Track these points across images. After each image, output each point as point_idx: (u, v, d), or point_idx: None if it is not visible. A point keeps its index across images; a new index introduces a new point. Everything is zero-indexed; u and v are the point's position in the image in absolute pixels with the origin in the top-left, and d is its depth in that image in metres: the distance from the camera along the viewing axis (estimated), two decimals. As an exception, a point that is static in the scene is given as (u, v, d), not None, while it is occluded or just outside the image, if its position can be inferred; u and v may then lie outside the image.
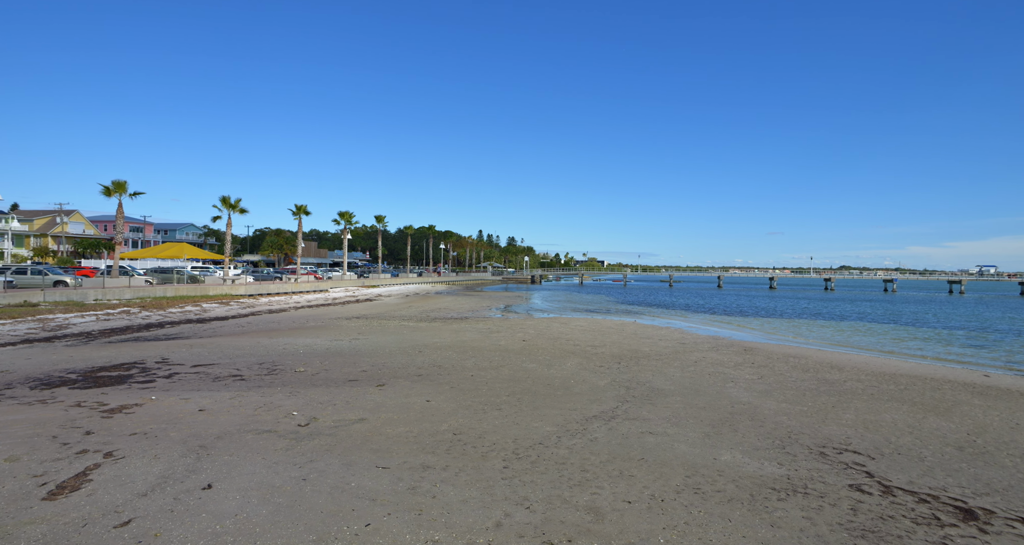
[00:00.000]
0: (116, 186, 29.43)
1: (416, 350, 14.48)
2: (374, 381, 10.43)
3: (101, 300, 24.82)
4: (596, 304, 44.54)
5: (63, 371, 11.17)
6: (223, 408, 8.18)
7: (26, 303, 21.71)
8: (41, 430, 6.96)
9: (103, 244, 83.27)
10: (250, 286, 33.12)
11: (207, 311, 24.79)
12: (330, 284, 43.62)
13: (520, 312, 32.16)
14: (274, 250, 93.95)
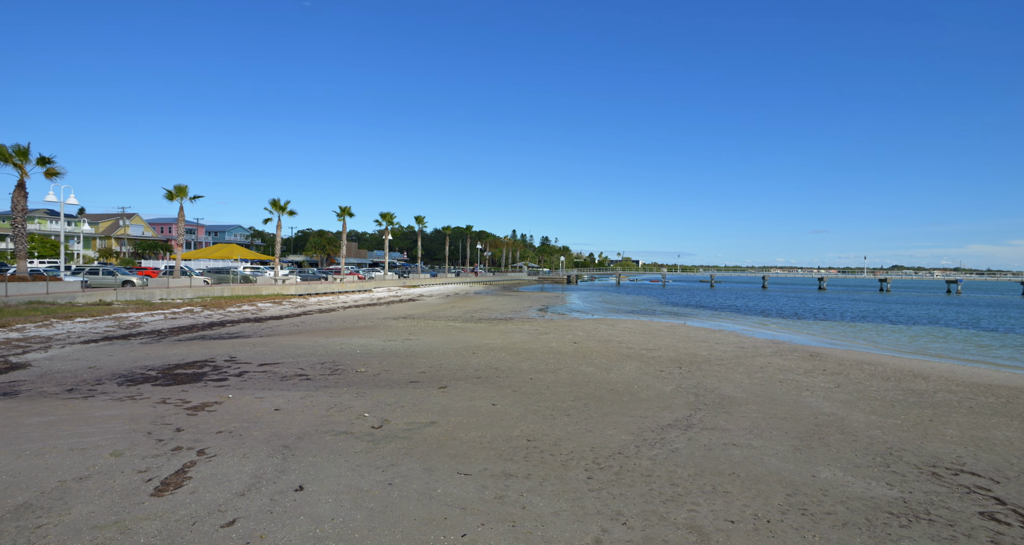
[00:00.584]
0: (178, 190, 31.12)
1: (469, 352, 14.52)
2: (435, 383, 10.49)
3: (166, 299, 26.25)
4: (639, 305, 43.69)
5: (143, 368, 11.81)
6: (297, 408, 8.40)
7: (101, 302, 23.20)
8: (136, 426, 7.33)
9: (160, 245, 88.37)
10: (299, 286, 34.30)
11: (262, 310, 25.80)
12: (373, 284, 44.66)
13: (563, 313, 31.92)
14: (317, 251, 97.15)
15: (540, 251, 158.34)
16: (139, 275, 32.74)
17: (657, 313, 33.82)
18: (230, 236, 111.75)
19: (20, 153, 22.76)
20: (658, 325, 23.62)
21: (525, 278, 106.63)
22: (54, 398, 8.98)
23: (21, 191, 23.33)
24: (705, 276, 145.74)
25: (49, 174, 24.23)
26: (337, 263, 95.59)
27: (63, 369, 11.49)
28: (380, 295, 39.02)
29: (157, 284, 29.24)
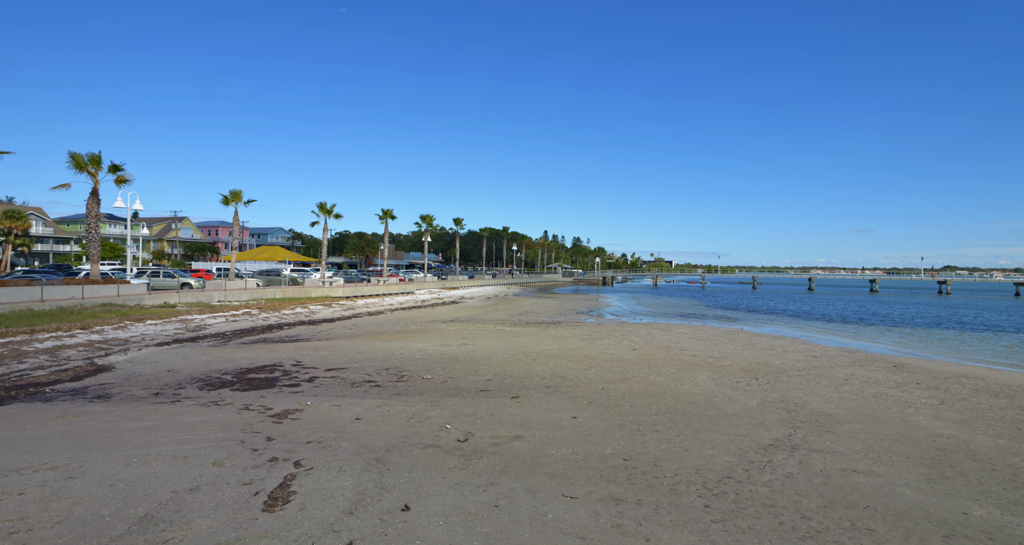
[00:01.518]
0: (233, 195, 32.37)
1: (529, 358, 14.30)
2: (506, 392, 10.30)
3: (224, 302, 27.25)
4: (684, 309, 42.48)
5: (218, 372, 12.14)
6: (376, 417, 8.35)
7: (166, 304, 24.27)
8: (228, 433, 7.43)
9: (208, 247, 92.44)
10: (345, 288, 35.03)
11: (315, 313, 26.40)
12: (415, 286, 45.20)
13: (609, 316, 31.34)
14: (356, 252, 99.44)
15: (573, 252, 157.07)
16: (193, 277, 34.22)
17: (707, 317, 32.73)
18: (272, 238, 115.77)
19: (94, 161, 24.12)
20: (714, 330, 22.77)
21: (560, 279, 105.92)
22: (144, 402, 9.29)
23: (95, 198, 24.72)
24: (745, 277, 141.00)
25: (119, 181, 25.59)
26: (375, 264, 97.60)
27: (144, 372, 11.93)
28: (423, 297, 39.40)
29: (213, 286, 30.43)
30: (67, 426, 7.66)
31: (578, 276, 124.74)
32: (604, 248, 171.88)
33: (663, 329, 22.69)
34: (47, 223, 78.60)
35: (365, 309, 30.08)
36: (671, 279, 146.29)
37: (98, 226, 24.90)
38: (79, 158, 23.88)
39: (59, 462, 6.17)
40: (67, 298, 21.42)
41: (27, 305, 19.35)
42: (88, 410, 8.57)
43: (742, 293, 76.05)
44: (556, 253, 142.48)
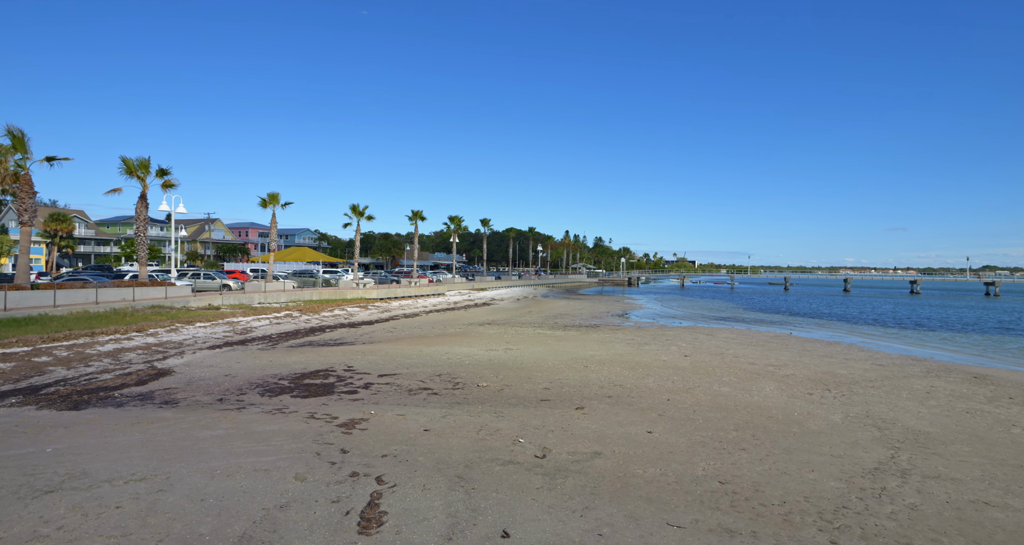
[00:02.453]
0: (271, 198, 32.97)
1: (581, 364, 13.96)
2: (567, 402, 10.00)
3: (264, 303, 27.70)
4: (721, 311, 41.36)
5: (274, 377, 12.18)
6: (444, 429, 8.16)
7: (211, 306, 24.78)
8: (301, 444, 7.33)
9: (238, 248, 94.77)
10: (379, 290, 35.29)
11: (353, 316, 26.60)
12: (445, 287, 45.30)
13: (646, 319, 30.68)
14: (382, 253, 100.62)
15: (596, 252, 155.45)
16: (229, 278, 34.96)
17: (747, 321, 31.74)
18: (299, 239, 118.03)
19: (143, 166, 24.82)
20: (762, 336, 21.99)
21: (585, 280, 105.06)
22: (211, 409, 9.32)
23: (143, 202, 25.44)
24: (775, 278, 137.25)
25: (165, 185, 26.29)
26: (402, 265, 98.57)
27: (204, 377, 12.06)
28: (454, 299, 39.43)
29: (252, 288, 31.00)
30: (144, 434, 7.70)
31: (603, 277, 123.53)
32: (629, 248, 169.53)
33: (708, 334, 22.02)
34: (89, 225, 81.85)
35: (400, 311, 30.18)
36: (696, 280, 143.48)
37: (146, 229, 25.63)
38: (130, 163, 24.61)
39: (146, 473, 6.14)
40: (118, 300, 22.05)
41: (83, 307, 19.96)
42: (160, 417, 8.63)
43: (775, 295, 73.88)
44: (579, 253, 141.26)
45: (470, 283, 53.66)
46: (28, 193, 20.15)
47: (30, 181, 20.13)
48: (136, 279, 29.17)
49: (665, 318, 32.11)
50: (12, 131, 19.52)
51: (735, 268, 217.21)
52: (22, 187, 20.03)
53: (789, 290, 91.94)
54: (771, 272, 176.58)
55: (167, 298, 23.92)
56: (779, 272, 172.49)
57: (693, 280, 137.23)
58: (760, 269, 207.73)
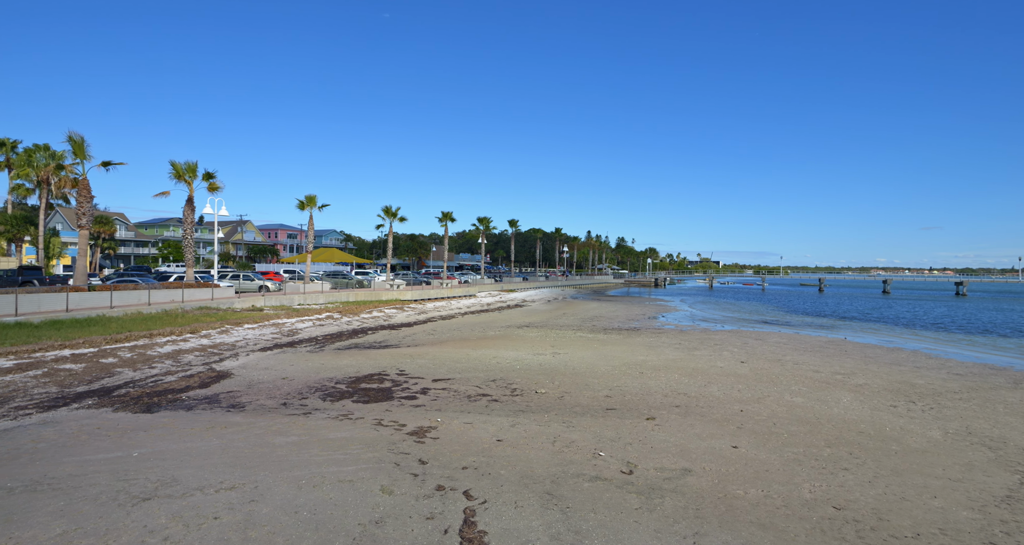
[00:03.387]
0: (308, 200, 33.51)
1: (635, 371, 13.59)
2: (634, 412, 9.67)
3: (304, 305, 28.10)
4: (761, 313, 40.12)
5: (329, 380, 12.20)
6: (517, 439, 7.94)
7: (254, 308, 25.24)
8: (376, 453, 7.22)
9: (268, 249, 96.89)
10: (412, 291, 35.47)
11: (391, 317, 26.73)
12: (475, 288, 45.29)
13: (686, 322, 29.93)
14: (409, 254, 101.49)
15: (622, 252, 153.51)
16: (264, 279, 35.61)
17: (793, 324, 30.63)
18: (327, 240, 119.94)
19: (190, 170, 25.48)
20: (814, 340, 21.15)
21: (611, 281, 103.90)
22: (277, 414, 9.34)
23: (190, 206, 26.14)
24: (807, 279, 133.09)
25: (211, 189, 26.94)
26: (428, 266, 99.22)
27: (262, 379, 12.15)
28: (486, 301, 39.36)
29: (291, 289, 31.52)
30: (221, 439, 7.72)
31: (628, 278, 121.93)
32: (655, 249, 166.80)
33: (756, 338, 21.30)
34: (128, 227, 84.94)
35: (436, 313, 30.22)
36: (724, 280, 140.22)
37: (193, 233, 26.29)
38: (179, 167, 25.30)
39: (234, 481, 6.10)
40: (168, 301, 22.65)
41: (136, 308, 20.55)
42: (231, 421, 8.66)
43: (811, 297, 71.46)
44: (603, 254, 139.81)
45: (498, 284, 53.54)
46: (86, 197, 20.87)
47: (88, 186, 20.86)
48: (181, 280, 30.01)
49: (705, 321, 31.30)
50: (73, 137, 20.26)
51: (761, 268, 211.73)
52: (80, 191, 20.77)
53: (824, 291, 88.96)
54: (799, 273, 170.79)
55: (213, 299, 24.47)
56: (806, 272, 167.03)
57: (721, 281, 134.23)
58: (786, 270, 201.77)
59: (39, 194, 37.93)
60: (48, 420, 8.39)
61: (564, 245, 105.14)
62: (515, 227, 68.03)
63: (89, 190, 20.95)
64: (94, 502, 5.54)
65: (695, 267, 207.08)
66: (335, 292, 32.37)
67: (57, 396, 9.69)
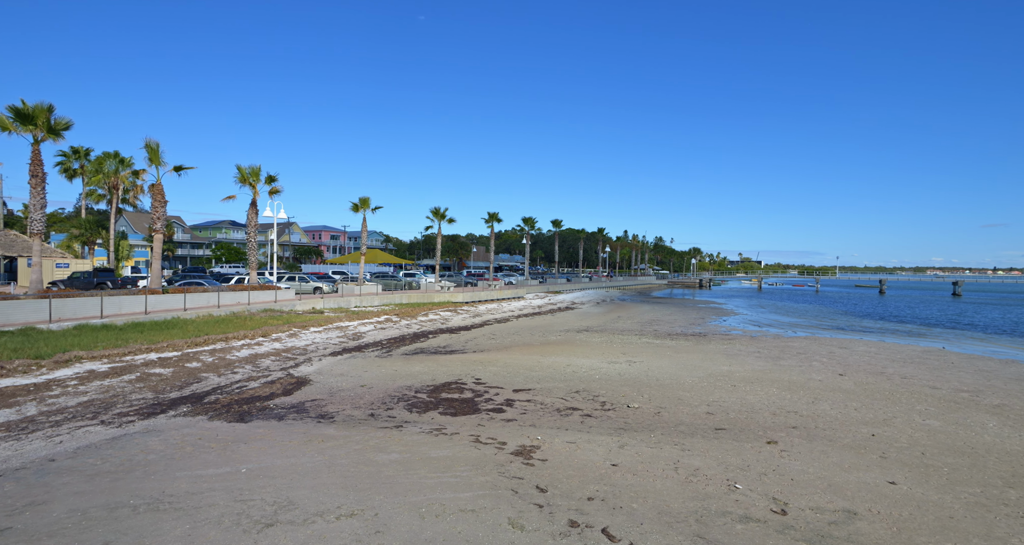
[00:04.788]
0: (362, 202, 33.93)
1: (726, 383, 12.65)
2: (748, 432, 8.81)
3: (361, 307, 28.32)
4: (829, 317, 37.65)
5: (408, 389, 11.88)
6: (633, 463, 7.26)
7: (314, 310, 25.58)
8: (487, 477, 6.71)
9: (313, 250, 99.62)
10: (463, 293, 35.31)
11: (447, 320, 26.54)
12: (523, 290, 44.79)
13: (752, 327, 28.34)
14: (449, 255, 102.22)
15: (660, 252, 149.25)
16: (317, 280, 36.18)
17: (871, 330, 28.48)
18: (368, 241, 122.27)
19: (254, 174, 26.14)
20: (908, 350, 19.40)
21: (654, 282, 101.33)
22: (368, 426, 9.03)
23: (254, 209, 26.81)
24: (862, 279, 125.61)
25: (272, 192, 27.57)
26: (468, 267, 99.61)
27: (342, 387, 11.96)
28: (536, 303, 38.79)
29: (346, 291, 31.91)
30: (322, 454, 7.43)
31: (672, 279, 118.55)
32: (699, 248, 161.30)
33: (840, 347, 19.75)
34: (185, 230, 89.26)
35: (490, 315, 29.87)
36: (771, 281, 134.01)
37: (256, 235, 26.94)
38: (244, 171, 26.00)
39: (352, 507, 5.72)
40: (234, 303, 23.21)
41: (207, 311, 21.10)
42: (326, 434, 8.39)
43: (873, 299, 67.01)
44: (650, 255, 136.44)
45: (543, 286, 52.85)
46: (160, 202, 21.64)
47: (162, 190, 21.62)
48: (241, 283, 30.88)
49: (772, 326, 29.56)
50: (149, 144, 21.03)
51: (806, 269, 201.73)
52: (155, 196, 21.54)
53: (885, 294, 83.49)
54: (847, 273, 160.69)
55: (276, 302, 24.95)
56: (855, 273, 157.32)
57: (768, 282, 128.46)
58: (834, 270, 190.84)
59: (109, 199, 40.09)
60: (151, 428, 8.35)
61: (606, 245, 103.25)
62: (559, 227, 67.05)
63: (163, 195, 21.71)
64: (218, 526, 5.27)
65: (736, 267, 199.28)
66: (388, 294, 32.55)
67: (154, 402, 9.74)
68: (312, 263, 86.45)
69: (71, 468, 6.60)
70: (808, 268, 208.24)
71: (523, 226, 58.18)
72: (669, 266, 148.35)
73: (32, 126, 16.84)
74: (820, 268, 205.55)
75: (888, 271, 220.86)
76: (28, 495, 5.79)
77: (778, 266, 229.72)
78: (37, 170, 17.35)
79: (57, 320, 15.89)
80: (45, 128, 17.08)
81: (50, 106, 17.13)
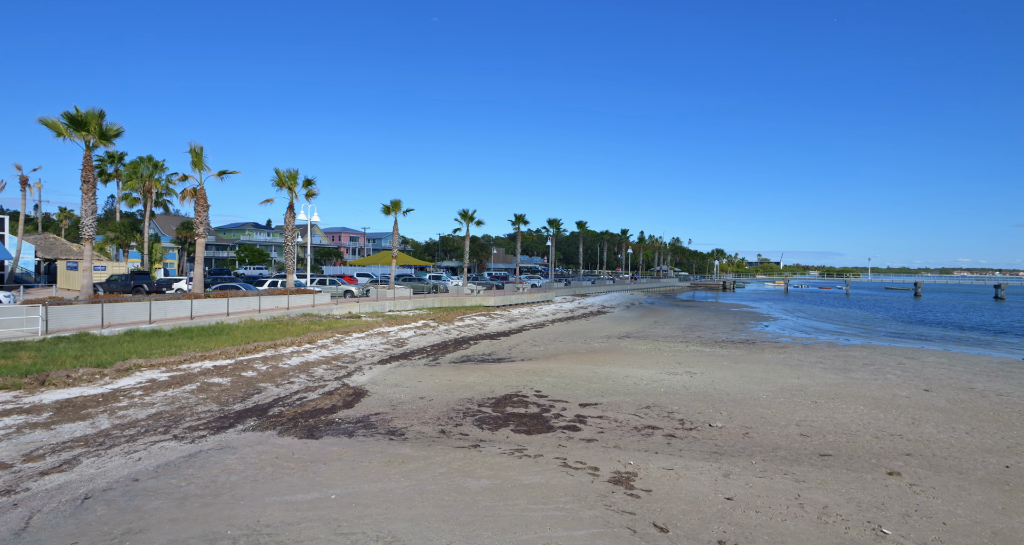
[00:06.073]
0: (393, 205, 33.76)
1: (805, 399, 11.88)
2: (859, 461, 8.08)
3: (395, 311, 28.03)
4: (877, 323, 36.11)
5: (469, 402, 11.38)
6: (748, 498, 6.61)
7: (350, 314, 25.36)
8: (593, 511, 6.13)
9: (333, 252, 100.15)
10: (493, 296, 34.82)
11: (484, 325, 26.08)
12: (552, 294, 44.13)
13: (800, 334, 27.21)
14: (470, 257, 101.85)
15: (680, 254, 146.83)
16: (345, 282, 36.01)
17: (929, 338, 27.09)
18: (385, 243, 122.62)
19: (291, 177, 26.08)
20: (983, 361, 18.21)
21: (677, 284, 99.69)
22: (443, 444, 8.54)
23: (291, 212, 26.76)
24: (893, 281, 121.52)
25: (309, 195, 27.51)
26: (488, 268, 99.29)
27: (401, 399, 11.53)
28: (567, 306, 38.13)
29: (379, 294, 31.70)
30: (408, 478, 6.95)
31: (694, 280, 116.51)
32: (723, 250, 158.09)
33: (908, 357, 18.70)
34: (211, 232, 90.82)
35: (524, 320, 29.35)
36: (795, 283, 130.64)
37: (294, 238, 26.86)
38: (281, 175, 25.97)
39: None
40: (274, 308, 23.09)
41: (248, 315, 20.98)
42: (403, 454, 7.93)
43: (911, 303, 64.59)
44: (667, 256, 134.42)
45: (568, 288, 52.11)
46: (203, 206, 21.63)
47: (205, 195, 21.62)
48: (274, 286, 30.89)
49: (819, 333, 28.40)
50: (193, 148, 21.04)
51: (827, 270, 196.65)
52: (198, 201, 21.54)
53: (921, 297, 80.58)
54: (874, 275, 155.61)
55: (314, 306, 24.80)
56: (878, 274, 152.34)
57: (794, 284, 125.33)
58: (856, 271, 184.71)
59: (143, 202, 40.69)
60: (224, 444, 8.00)
61: (627, 247, 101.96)
62: (583, 229, 66.26)
63: (206, 199, 21.71)
64: (327, 568, 4.81)
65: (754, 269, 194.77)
66: (419, 298, 32.26)
67: (220, 415, 9.42)
68: (332, 265, 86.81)
69: (157, 490, 6.25)
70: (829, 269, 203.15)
71: (547, 227, 57.54)
72: (690, 268, 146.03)
73: (85, 132, 16.89)
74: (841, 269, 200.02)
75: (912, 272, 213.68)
76: (123, 521, 5.43)
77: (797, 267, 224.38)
78: (88, 176, 17.41)
79: (108, 325, 15.84)
80: (96, 134, 17.13)
81: (101, 112, 17.17)
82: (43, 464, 6.76)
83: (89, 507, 5.71)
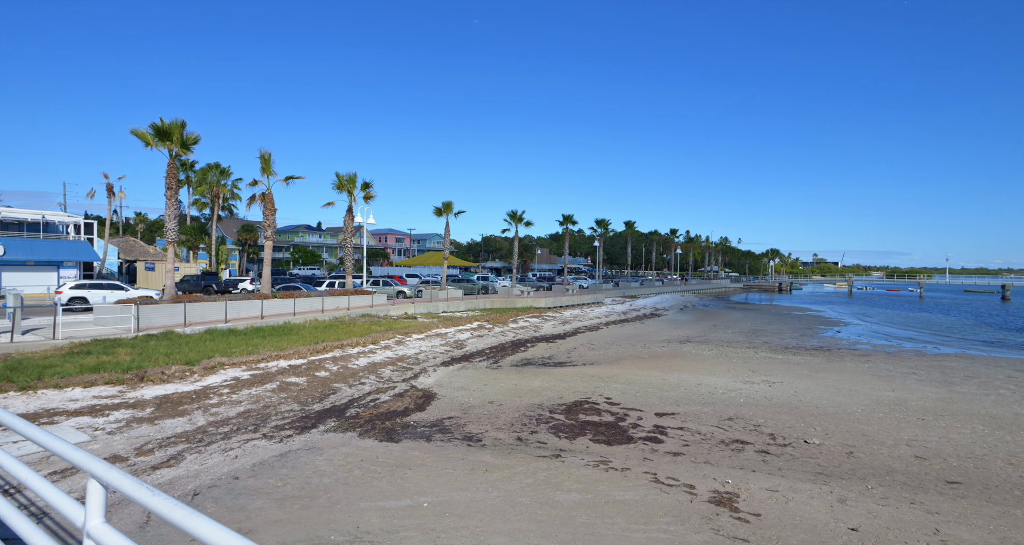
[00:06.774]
0: (445, 207, 34.15)
1: (910, 416, 10.82)
2: (1000, 491, 7.18)
3: (449, 313, 28.23)
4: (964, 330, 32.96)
5: (539, 408, 11.10)
6: (876, 531, 5.94)
7: (407, 315, 25.73)
8: (699, 534, 5.67)
9: (380, 253, 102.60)
10: (546, 298, 34.47)
11: (538, 328, 25.82)
12: (602, 295, 43.30)
13: (879, 340, 25.19)
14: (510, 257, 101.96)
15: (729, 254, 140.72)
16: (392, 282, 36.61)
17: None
18: (430, 244, 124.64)
19: (350, 181, 26.84)
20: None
21: (728, 286, 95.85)
22: (522, 453, 8.30)
23: (350, 215, 27.54)
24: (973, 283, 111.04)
25: (366, 197, 28.23)
26: (532, 269, 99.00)
27: (471, 403, 11.41)
28: (618, 309, 37.24)
29: (433, 295, 32.09)
30: (496, 488, 6.75)
31: (747, 282, 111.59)
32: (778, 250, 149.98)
33: (1018, 369, 16.83)
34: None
35: (578, 322, 28.86)
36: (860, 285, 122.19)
37: (351, 241, 27.61)
38: (341, 178, 26.79)
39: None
40: (335, 308, 23.76)
41: (312, 316, 21.66)
42: (484, 461, 7.73)
43: (998, 307, 58.72)
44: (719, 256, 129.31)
45: (617, 290, 50.95)
46: (271, 210, 22.56)
47: (272, 199, 22.54)
48: (332, 286, 31.88)
49: (901, 340, 26.23)
50: (263, 155, 21.99)
51: (892, 270, 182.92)
52: (267, 205, 22.48)
53: (1010, 300, 73.33)
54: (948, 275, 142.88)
55: (372, 307, 25.35)
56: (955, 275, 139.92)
57: (858, 286, 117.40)
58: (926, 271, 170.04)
59: (211, 207, 43.13)
60: (310, 445, 8.09)
61: (676, 247, 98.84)
62: (632, 229, 64.72)
63: (273, 203, 22.64)
64: (434, 585, 4.63)
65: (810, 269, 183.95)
66: (470, 299, 32.38)
67: (301, 415, 9.60)
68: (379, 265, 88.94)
69: (257, 489, 6.33)
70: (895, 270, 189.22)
71: (595, 227, 56.56)
72: (741, 269, 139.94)
73: (168, 141, 17.95)
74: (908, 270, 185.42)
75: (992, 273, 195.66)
76: (232, 519, 5.50)
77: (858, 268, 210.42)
78: (172, 182, 18.48)
79: (189, 324, 16.72)
80: (179, 143, 18.17)
81: (183, 122, 18.20)
82: (153, 458, 7.04)
83: (199, 504, 5.84)
